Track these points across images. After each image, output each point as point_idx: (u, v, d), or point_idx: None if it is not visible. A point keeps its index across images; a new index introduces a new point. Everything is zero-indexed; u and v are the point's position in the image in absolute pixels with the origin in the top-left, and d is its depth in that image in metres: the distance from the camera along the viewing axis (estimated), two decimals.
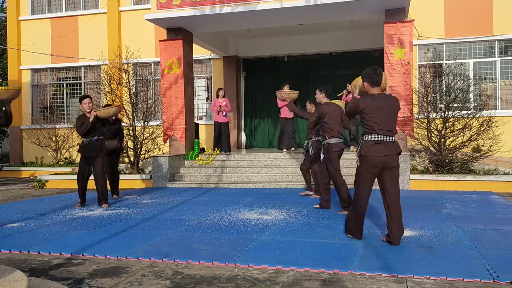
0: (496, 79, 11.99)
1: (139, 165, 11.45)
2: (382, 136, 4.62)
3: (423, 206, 7.03)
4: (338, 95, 10.80)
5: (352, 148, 10.76)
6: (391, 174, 4.71)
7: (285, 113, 11.34)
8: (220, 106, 11.46)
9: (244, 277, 3.83)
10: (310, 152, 7.54)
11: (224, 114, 11.52)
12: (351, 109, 4.85)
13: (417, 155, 10.06)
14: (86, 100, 7.39)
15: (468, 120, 9.19)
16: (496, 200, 7.50)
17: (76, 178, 7.78)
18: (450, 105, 9.34)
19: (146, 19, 10.43)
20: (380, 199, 7.55)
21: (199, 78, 14.55)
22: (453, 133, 9.27)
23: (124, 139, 10.25)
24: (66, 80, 15.56)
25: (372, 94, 4.77)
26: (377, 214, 6.36)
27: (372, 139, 4.64)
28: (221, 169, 10.51)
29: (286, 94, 8.08)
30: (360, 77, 4.89)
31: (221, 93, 11.64)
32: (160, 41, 11.11)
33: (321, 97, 6.96)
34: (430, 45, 12.15)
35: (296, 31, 13.06)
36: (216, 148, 11.41)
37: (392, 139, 4.67)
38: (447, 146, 9.33)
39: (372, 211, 6.65)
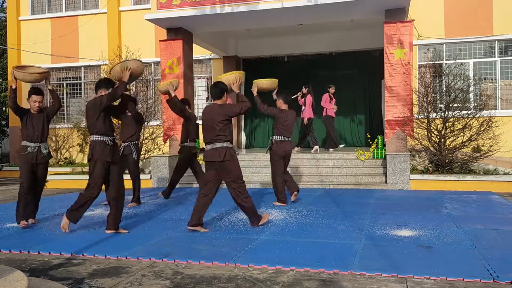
0: (496, 79, 11.99)
1: (139, 165, 11.43)
2: (285, 137, 7.26)
3: (423, 206, 7.03)
4: (293, 97, 11.01)
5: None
6: (288, 161, 7.51)
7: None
8: None
9: (244, 277, 3.83)
10: (133, 155, 7.55)
11: None
12: (271, 111, 7.43)
13: (417, 155, 10.06)
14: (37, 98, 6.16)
15: (468, 120, 9.19)
16: (496, 200, 7.50)
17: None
18: (450, 105, 9.34)
19: (146, 19, 10.43)
20: (379, 198, 7.59)
21: (199, 78, 14.55)
22: (453, 133, 9.27)
23: None
24: (66, 80, 15.56)
25: (282, 109, 7.40)
26: (377, 214, 6.36)
27: (280, 139, 7.26)
28: None
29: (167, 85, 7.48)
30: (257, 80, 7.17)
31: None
32: (160, 41, 11.11)
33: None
34: (430, 45, 12.15)
35: (296, 31, 13.06)
36: None
37: (289, 139, 7.31)
38: (447, 146, 9.33)
39: (372, 211, 6.65)
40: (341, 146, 11.66)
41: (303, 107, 11.32)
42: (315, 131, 11.69)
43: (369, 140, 10.70)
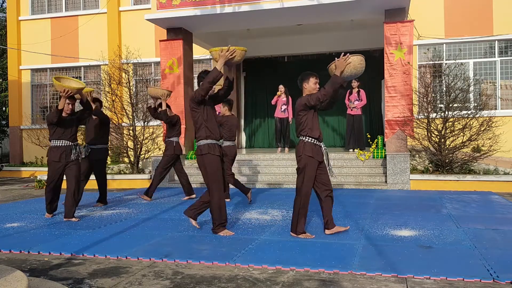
0: (496, 79, 11.99)
1: (139, 165, 11.45)
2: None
3: (423, 206, 7.03)
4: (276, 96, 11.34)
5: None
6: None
7: (278, 113, 11.39)
8: None
9: (244, 277, 3.83)
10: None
11: (218, 113, 11.50)
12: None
13: (417, 155, 10.07)
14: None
15: (468, 120, 9.19)
16: (496, 200, 7.50)
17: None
18: (450, 105, 9.34)
19: (146, 19, 10.43)
20: (379, 198, 7.57)
21: None
22: (453, 133, 9.27)
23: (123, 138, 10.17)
24: None
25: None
26: (377, 214, 6.35)
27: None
28: None
29: (157, 92, 7.99)
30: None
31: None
32: (160, 41, 11.11)
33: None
34: (430, 45, 12.15)
35: (296, 31, 13.06)
36: None
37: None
38: (447, 146, 9.33)
39: (372, 211, 6.65)
40: (350, 150, 11.02)
41: (283, 107, 11.27)
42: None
43: (369, 140, 10.70)
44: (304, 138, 5.01)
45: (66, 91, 6.22)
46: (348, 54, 4.96)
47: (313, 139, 4.99)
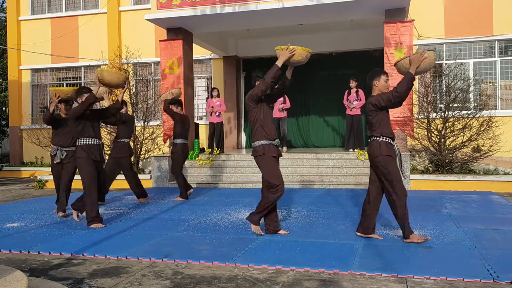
0: (496, 79, 11.98)
1: (139, 165, 11.45)
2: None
3: (423, 206, 7.03)
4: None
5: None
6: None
7: (276, 113, 11.39)
8: (212, 107, 11.41)
9: (244, 277, 3.83)
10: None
11: (217, 114, 11.47)
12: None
13: (417, 155, 10.07)
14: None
15: (468, 120, 9.19)
16: (496, 200, 7.50)
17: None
18: (450, 105, 9.35)
19: (146, 19, 10.43)
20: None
21: (199, 78, 14.55)
22: (453, 133, 9.27)
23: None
24: (66, 80, 15.56)
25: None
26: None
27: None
28: (221, 169, 10.51)
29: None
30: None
31: (215, 93, 11.58)
32: (160, 41, 11.11)
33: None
34: (430, 45, 12.13)
35: (296, 31, 13.05)
36: (216, 149, 11.41)
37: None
38: (447, 146, 9.34)
39: None
40: (350, 150, 10.91)
41: (281, 106, 11.29)
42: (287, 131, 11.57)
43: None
44: (377, 138, 4.83)
45: (98, 77, 5.96)
46: (424, 49, 4.79)
47: (387, 138, 4.81)
